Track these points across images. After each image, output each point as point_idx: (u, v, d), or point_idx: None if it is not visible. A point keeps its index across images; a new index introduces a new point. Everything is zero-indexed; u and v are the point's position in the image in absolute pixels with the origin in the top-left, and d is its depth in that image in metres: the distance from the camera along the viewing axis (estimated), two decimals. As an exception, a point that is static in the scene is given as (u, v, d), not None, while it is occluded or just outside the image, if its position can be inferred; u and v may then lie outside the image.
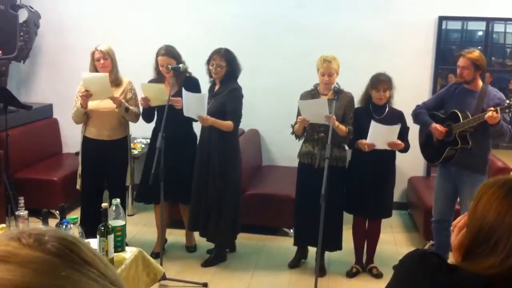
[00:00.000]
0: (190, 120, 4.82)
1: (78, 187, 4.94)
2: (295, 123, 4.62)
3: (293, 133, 4.69)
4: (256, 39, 6.31)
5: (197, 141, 4.98)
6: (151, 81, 4.89)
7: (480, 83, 4.41)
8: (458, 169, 4.42)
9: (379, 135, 4.39)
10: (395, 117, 4.55)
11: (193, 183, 4.84)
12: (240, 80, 4.79)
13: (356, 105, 4.66)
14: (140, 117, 4.95)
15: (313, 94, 4.60)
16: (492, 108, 4.10)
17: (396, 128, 4.38)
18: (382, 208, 4.72)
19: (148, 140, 5.67)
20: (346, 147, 4.68)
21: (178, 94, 4.68)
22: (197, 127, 4.98)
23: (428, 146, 4.63)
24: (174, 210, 5.12)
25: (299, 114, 4.59)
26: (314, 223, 4.53)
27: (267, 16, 6.31)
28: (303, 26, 6.24)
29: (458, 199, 4.57)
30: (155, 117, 4.93)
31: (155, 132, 4.89)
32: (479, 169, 4.36)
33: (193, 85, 4.75)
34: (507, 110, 4.14)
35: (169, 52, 4.76)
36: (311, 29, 6.21)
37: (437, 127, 4.42)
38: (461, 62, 4.33)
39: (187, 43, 6.19)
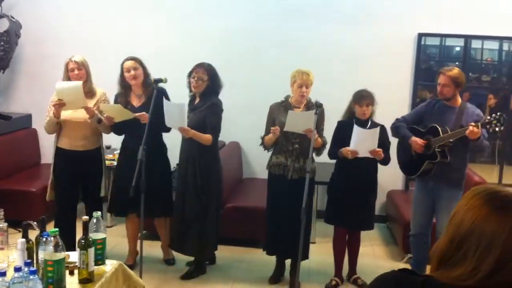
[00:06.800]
0: (159, 132, 4.82)
1: (47, 198, 4.88)
2: (265, 135, 4.67)
3: (262, 144, 4.72)
4: (239, 53, 6.36)
5: (167, 152, 4.96)
6: (116, 95, 4.88)
7: (459, 99, 4.49)
8: (435, 183, 4.47)
9: (362, 140, 4.43)
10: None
11: (175, 198, 4.85)
12: (222, 93, 4.81)
13: (339, 117, 4.73)
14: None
15: (284, 106, 4.63)
16: (473, 124, 4.17)
17: (376, 130, 4.44)
18: (364, 220, 4.76)
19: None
20: (315, 158, 4.69)
21: (145, 106, 4.68)
22: (166, 139, 4.96)
23: (406, 159, 4.69)
24: (148, 223, 5.06)
25: (270, 125, 4.62)
26: (286, 234, 4.57)
27: (250, 30, 6.37)
28: (286, 40, 6.31)
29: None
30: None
31: (123, 144, 4.90)
32: (456, 183, 4.42)
33: (163, 94, 4.69)
34: (487, 126, 4.21)
35: (136, 58, 4.79)
36: (294, 43, 6.28)
37: (416, 140, 4.48)
38: (441, 79, 4.40)
39: (170, 56, 6.25)
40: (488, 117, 4.22)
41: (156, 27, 6.47)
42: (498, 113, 4.18)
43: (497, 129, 4.17)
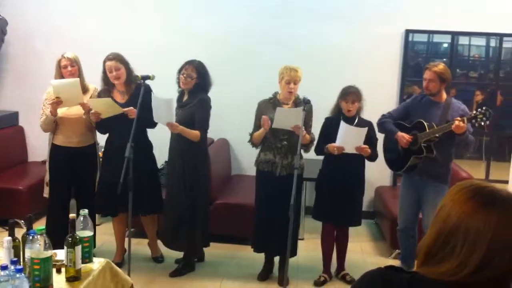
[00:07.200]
0: (145, 128, 4.80)
1: (45, 195, 4.88)
2: (253, 132, 4.66)
3: (250, 141, 4.71)
4: (228, 50, 6.35)
5: (153, 149, 4.94)
6: (100, 92, 4.83)
7: (445, 95, 4.53)
8: (421, 178, 4.51)
9: (348, 136, 4.45)
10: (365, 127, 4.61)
11: (166, 195, 4.85)
12: (211, 90, 4.79)
13: (328, 114, 4.74)
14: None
15: (273, 102, 4.63)
16: (459, 118, 4.21)
17: (364, 130, 4.45)
18: (352, 216, 4.78)
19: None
20: (303, 155, 4.69)
21: (129, 102, 4.65)
22: (153, 136, 4.95)
23: (393, 154, 4.71)
24: (135, 220, 4.97)
25: (258, 122, 4.62)
26: (274, 231, 4.58)
27: (240, 28, 6.36)
28: (275, 38, 6.32)
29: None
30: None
31: (108, 142, 4.86)
32: (442, 178, 4.47)
33: (148, 92, 4.67)
34: (473, 121, 4.25)
35: (117, 57, 4.72)
36: (283, 40, 6.28)
37: (403, 135, 4.51)
38: (427, 75, 4.44)
39: (160, 53, 6.24)
40: (474, 112, 4.26)
41: (145, 24, 6.43)
42: (484, 108, 4.24)
43: (482, 123, 4.23)
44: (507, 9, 6.04)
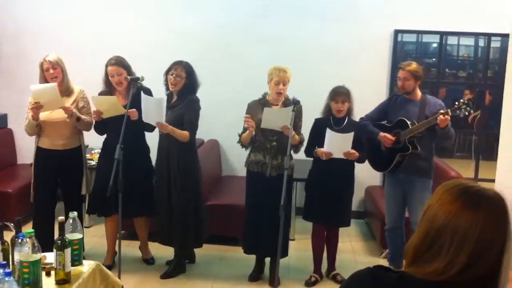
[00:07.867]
0: (143, 131, 4.80)
1: (32, 199, 4.83)
2: (242, 132, 4.66)
3: (239, 142, 4.71)
4: (218, 49, 6.35)
5: (150, 153, 4.94)
6: (101, 93, 4.81)
7: (419, 93, 4.62)
8: (406, 175, 4.56)
9: (334, 143, 4.47)
10: (354, 128, 4.62)
11: (156, 196, 4.84)
12: (200, 90, 4.79)
13: (319, 115, 4.74)
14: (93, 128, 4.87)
15: (262, 103, 4.62)
16: (442, 111, 4.27)
17: (350, 135, 4.47)
18: (341, 217, 4.78)
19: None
20: (293, 155, 4.69)
21: (130, 105, 4.64)
22: (149, 139, 4.94)
23: (376, 155, 4.74)
24: (127, 223, 4.97)
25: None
26: (265, 232, 4.57)
27: (229, 26, 6.36)
28: (265, 37, 6.31)
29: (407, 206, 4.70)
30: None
31: (106, 143, 4.84)
32: (425, 173, 4.54)
33: (148, 93, 4.69)
34: (458, 111, 4.32)
35: (119, 62, 4.69)
36: (272, 40, 6.28)
37: (385, 135, 4.55)
38: (401, 74, 4.55)
39: (148, 54, 6.20)
40: (456, 103, 4.34)
41: (134, 24, 6.42)
42: (467, 99, 4.36)
43: (467, 113, 4.34)
44: (496, 9, 6.06)
